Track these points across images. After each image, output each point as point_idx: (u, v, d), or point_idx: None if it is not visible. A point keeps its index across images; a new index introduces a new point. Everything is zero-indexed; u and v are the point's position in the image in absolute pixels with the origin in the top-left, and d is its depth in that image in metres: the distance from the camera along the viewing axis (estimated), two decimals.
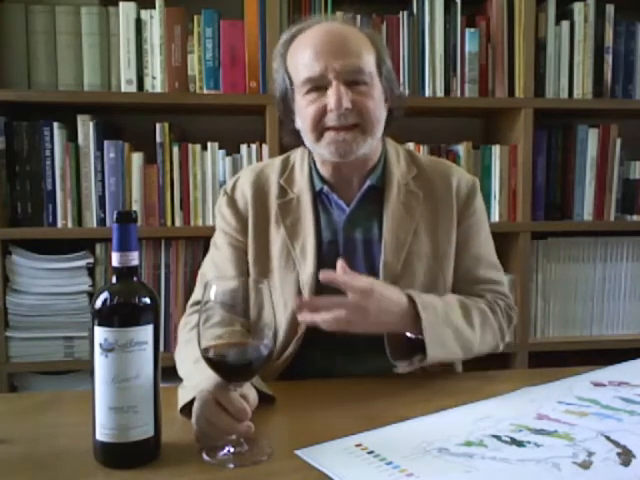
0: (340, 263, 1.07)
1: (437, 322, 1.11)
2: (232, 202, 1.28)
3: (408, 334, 1.14)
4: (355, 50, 1.15)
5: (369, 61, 1.17)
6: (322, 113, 1.16)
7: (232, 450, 0.85)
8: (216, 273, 1.26)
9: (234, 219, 1.27)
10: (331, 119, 1.15)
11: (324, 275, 1.04)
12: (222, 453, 0.85)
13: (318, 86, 1.15)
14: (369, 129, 1.17)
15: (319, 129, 1.17)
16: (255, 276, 1.23)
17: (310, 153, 1.28)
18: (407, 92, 1.94)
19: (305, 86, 1.17)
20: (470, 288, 1.27)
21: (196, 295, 1.28)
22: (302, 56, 1.17)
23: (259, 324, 0.86)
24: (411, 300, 1.11)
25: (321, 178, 1.26)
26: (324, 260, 1.22)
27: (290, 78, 1.21)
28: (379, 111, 1.19)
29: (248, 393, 0.92)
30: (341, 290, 1.20)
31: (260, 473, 0.81)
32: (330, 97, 1.14)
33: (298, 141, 1.26)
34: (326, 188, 1.25)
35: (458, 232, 1.26)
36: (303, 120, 1.20)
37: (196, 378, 0.97)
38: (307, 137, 1.21)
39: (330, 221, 1.25)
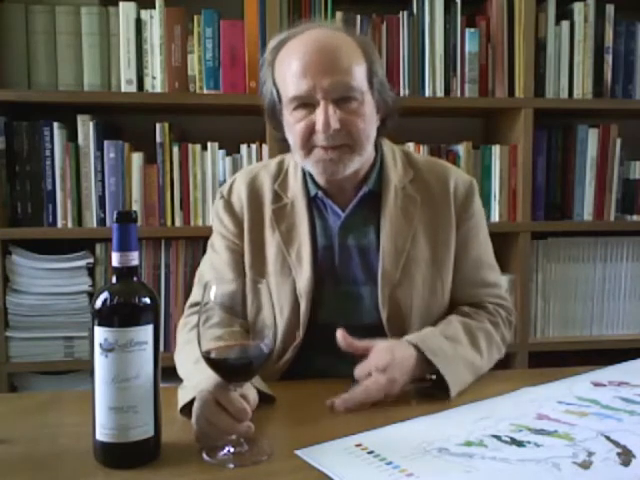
0: (340, 332, 1.06)
1: (448, 361, 1.09)
2: (229, 205, 1.27)
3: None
4: (345, 66, 1.11)
5: (359, 76, 1.13)
6: (310, 131, 1.13)
7: (232, 450, 0.85)
8: (214, 275, 1.25)
9: (231, 223, 1.26)
10: (320, 139, 1.13)
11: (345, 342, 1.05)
12: (222, 453, 0.85)
13: (306, 103, 1.13)
14: (358, 148, 1.15)
15: (308, 147, 1.15)
16: (253, 277, 1.22)
17: None
18: (407, 92, 1.94)
19: (292, 103, 1.14)
20: (471, 291, 1.27)
21: (194, 296, 1.28)
22: (289, 69, 1.13)
23: (259, 324, 0.87)
24: (416, 349, 1.09)
25: (315, 183, 1.24)
26: (320, 266, 1.21)
27: (278, 91, 1.18)
28: (369, 128, 1.16)
29: (248, 393, 0.92)
30: (338, 291, 1.20)
31: (260, 473, 0.81)
32: (318, 118, 1.11)
33: (289, 148, 1.23)
34: (320, 193, 1.23)
35: (457, 235, 1.25)
36: (292, 136, 1.17)
37: (196, 378, 0.97)
38: (296, 153, 1.19)
39: (325, 226, 1.23)
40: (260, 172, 1.29)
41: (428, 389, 1.09)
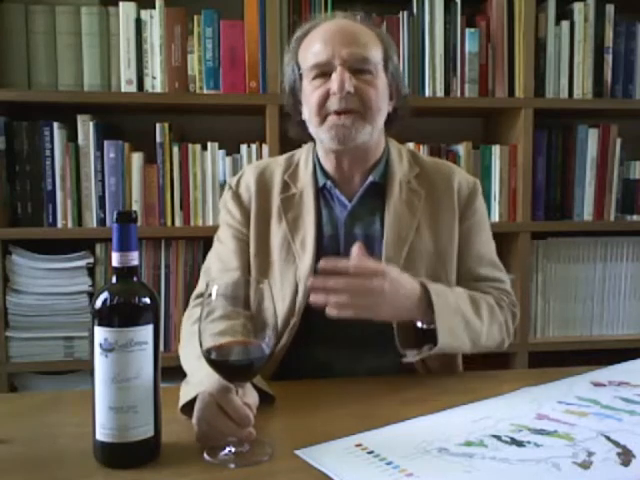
0: (357, 247, 1.05)
1: (448, 310, 1.11)
2: (237, 196, 1.30)
3: (418, 323, 1.14)
4: (363, 41, 1.19)
5: (376, 54, 1.20)
6: (326, 97, 1.18)
7: (233, 450, 0.85)
8: (220, 266, 1.28)
9: (239, 212, 1.29)
10: (334, 103, 1.17)
11: (324, 262, 1.02)
12: (223, 453, 0.85)
13: (324, 72, 1.18)
14: (369, 116, 1.19)
15: (323, 113, 1.20)
16: (256, 270, 1.25)
17: (315, 149, 1.29)
18: (407, 92, 1.94)
19: (312, 71, 1.20)
20: (473, 286, 1.28)
21: (200, 288, 1.30)
22: (311, 46, 1.21)
23: (261, 324, 0.86)
24: (423, 287, 1.11)
25: (325, 174, 1.27)
26: (324, 254, 1.21)
27: (299, 67, 1.24)
28: (381, 101, 1.21)
29: (250, 401, 0.92)
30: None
31: (261, 473, 0.81)
32: (334, 81, 1.16)
33: (304, 133, 1.27)
34: (329, 183, 1.26)
35: (460, 232, 1.27)
36: (308, 105, 1.22)
37: (199, 375, 0.97)
38: (311, 122, 1.23)
39: (332, 216, 1.26)
40: (270, 164, 1.34)
41: (418, 339, 1.09)
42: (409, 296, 1.09)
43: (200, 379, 0.95)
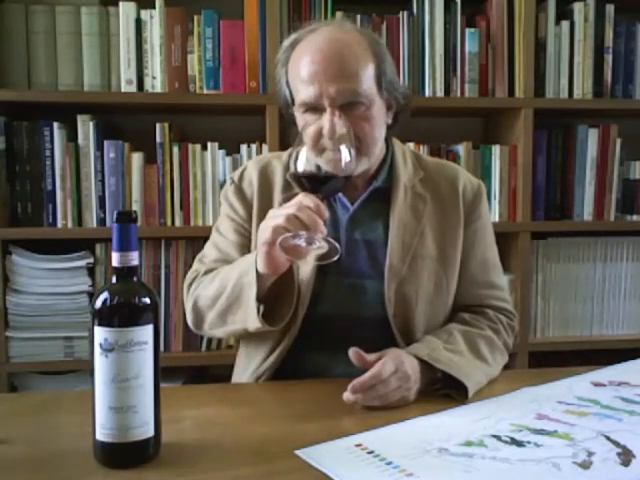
0: (353, 350, 1.05)
1: (458, 367, 1.09)
2: (239, 191, 1.29)
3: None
4: (352, 71, 1.13)
5: (367, 79, 1.14)
6: (319, 135, 1.14)
7: (304, 244, 0.98)
8: (218, 255, 1.27)
9: (242, 207, 1.28)
10: (328, 143, 1.13)
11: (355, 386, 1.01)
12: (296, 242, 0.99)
13: (315, 107, 1.15)
14: (364, 151, 1.16)
15: (319, 148, 1.16)
16: None
17: None
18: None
19: (302, 107, 1.17)
20: (476, 292, 1.27)
21: (192, 275, 1.28)
22: (299, 74, 1.15)
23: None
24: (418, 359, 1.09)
25: None
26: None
27: (291, 93, 1.21)
28: (377, 131, 1.18)
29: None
30: (342, 284, 1.21)
31: (261, 473, 0.81)
32: (324, 124, 1.12)
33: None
34: None
35: (465, 236, 1.26)
36: (304, 136, 1.18)
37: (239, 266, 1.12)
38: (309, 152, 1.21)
39: (334, 219, 1.25)
40: (272, 161, 1.31)
41: (445, 390, 1.08)
42: (417, 369, 1.07)
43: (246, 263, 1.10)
